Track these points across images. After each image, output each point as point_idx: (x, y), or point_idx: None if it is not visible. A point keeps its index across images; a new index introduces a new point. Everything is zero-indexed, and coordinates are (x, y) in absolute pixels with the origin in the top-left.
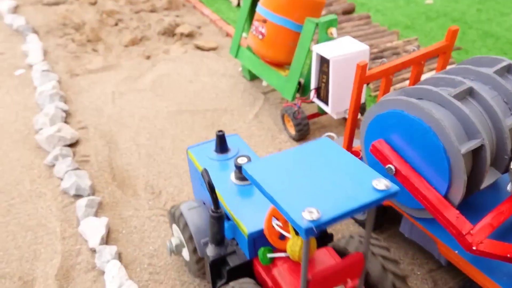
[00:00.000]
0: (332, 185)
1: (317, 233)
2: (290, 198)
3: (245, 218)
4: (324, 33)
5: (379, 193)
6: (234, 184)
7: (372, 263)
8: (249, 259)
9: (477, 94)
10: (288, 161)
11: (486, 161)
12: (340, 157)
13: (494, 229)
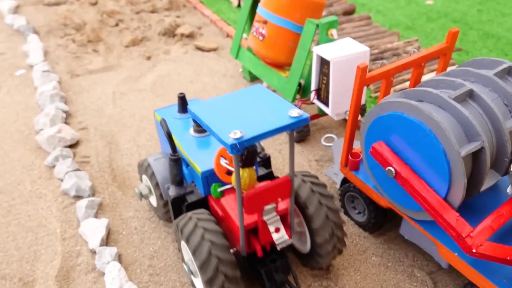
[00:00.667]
0: (256, 115)
1: (240, 149)
2: (221, 125)
3: (200, 161)
4: (325, 35)
5: (292, 119)
6: (192, 137)
7: (302, 188)
8: (204, 196)
9: (477, 96)
10: (223, 101)
11: (486, 163)
12: (266, 96)
13: (494, 231)
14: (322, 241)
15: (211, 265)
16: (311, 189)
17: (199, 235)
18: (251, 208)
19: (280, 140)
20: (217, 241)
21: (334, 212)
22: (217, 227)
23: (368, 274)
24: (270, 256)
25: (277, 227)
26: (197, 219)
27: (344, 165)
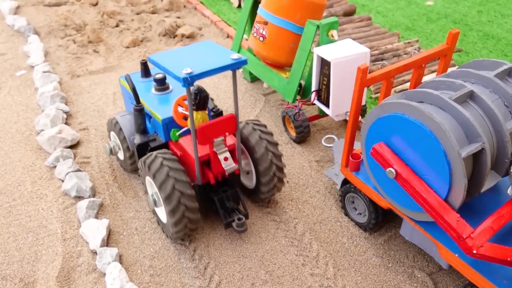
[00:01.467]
0: (204, 58)
1: (191, 82)
2: (176, 66)
3: (160, 111)
4: (325, 35)
5: (233, 61)
6: (154, 95)
7: (252, 134)
8: (164, 142)
9: (477, 97)
10: (178, 51)
11: (486, 164)
12: (214, 47)
13: (494, 232)
14: (266, 180)
15: (174, 198)
16: (260, 136)
17: (164, 172)
18: (203, 139)
19: (280, 141)
20: (179, 178)
21: (273, 145)
22: (179, 166)
23: (368, 275)
24: (222, 187)
25: (226, 156)
26: (162, 158)
27: (345, 166)
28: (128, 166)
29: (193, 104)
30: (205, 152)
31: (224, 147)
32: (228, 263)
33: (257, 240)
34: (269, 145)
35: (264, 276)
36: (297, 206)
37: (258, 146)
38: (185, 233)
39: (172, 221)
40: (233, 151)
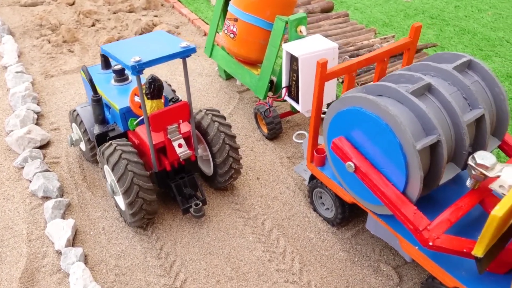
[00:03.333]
0: (153, 47)
1: (139, 69)
2: (125, 54)
3: (118, 101)
4: (294, 31)
5: (181, 49)
6: (113, 86)
7: (204, 118)
8: (123, 131)
9: (435, 90)
10: (129, 41)
11: (442, 156)
12: (164, 37)
13: (452, 224)
14: (220, 162)
15: (133, 192)
16: (212, 119)
17: (123, 166)
18: (156, 127)
19: (253, 138)
20: (138, 172)
21: (231, 137)
22: (138, 158)
23: (334, 270)
24: (179, 174)
25: (180, 143)
26: (122, 151)
27: (310, 161)
28: (90, 158)
29: (148, 93)
30: (161, 140)
31: (178, 134)
32: (194, 260)
33: (225, 237)
34: (226, 137)
35: (230, 273)
36: (266, 203)
37: (215, 139)
38: (142, 222)
39: (130, 212)
40: (189, 138)
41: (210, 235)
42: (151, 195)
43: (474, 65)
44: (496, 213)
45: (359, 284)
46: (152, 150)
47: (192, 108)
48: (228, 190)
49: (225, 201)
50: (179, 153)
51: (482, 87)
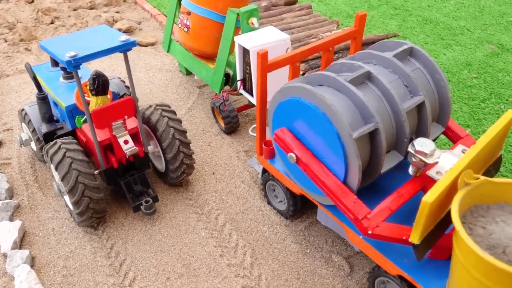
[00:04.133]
0: (92, 42)
1: (75, 64)
2: (62, 50)
3: (64, 99)
4: (246, 23)
5: (120, 42)
6: (61, 83)
7: (154, 114)
8: (71, 129)
9: (374, 78)
10: (69, 37)
11: (381, 144)
12: (106, 31)
13: (392, 212)
14: (171, 157)
15: (78, 191)
16: (161, 114)
17: (67, 164)
18: (100, 123)
19: (211, 132)
20: (83, 170)
21: (181, 132)
22: (83, 157)
23: (286, 262)
24: (130, 171)
25: (126, 139)
26: (66, 150)
27: (260, 154)
28: (41, 157)
29: (92, 89)
30: (107, 137)
31: (124, 130)
32: (145, 258)
33: (177, 233)
34: (176, 132)
35: (181, 269)
36: (220, 197)
37: (165, 134)
38: (91, 221)
39: (77, 212)
40: (137, 134)
41: (162, 232)
42: (98, 194)
43: (416, 53)
44: (426, 199)
45: (310, 275)
46: (98, 147)
47: (137, 104)
48: (183, 186)
49: (179, 197)
50: (125, 150)
51: (424, 74)
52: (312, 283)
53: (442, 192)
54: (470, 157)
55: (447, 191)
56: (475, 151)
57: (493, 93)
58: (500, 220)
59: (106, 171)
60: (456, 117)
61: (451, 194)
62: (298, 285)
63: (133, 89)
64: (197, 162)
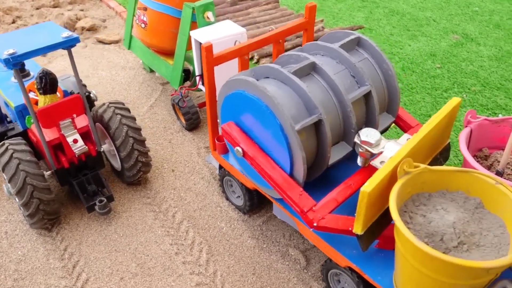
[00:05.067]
0: (34, 39)
1: (13, 62)
2: (1, 48)
3: (14, 99)
4: (201, 17)
5: (63, 39)
6: (12, 83)
7: (107, 111)
8: (23, 130)
9: (320, 69)
10: (12, 34)
11: (326, 136)
12: (50, 28)
13: (339, 203)
14: (125, 155)
15: (26, 192)
16: (114, 112)
17: (14, 166)
18: (47, 122)
19: (172, 129)
20: (32, 171)
21: (135, 130)
22: (32, 157)
23: (242, 258)
24: (83, 171)
25: (75, 138)
26: (13, 150)
27: (213, 150)
28: None
29: (40, 87)
30: (56, 136)
31: (73, 129)
32: (99, 259)
33: (133, 232)
34: (130, 130)
35: (135, 269)
36: (179, 195)
37: (118, 132)
38: (43, 223)
39: (26, 214)
40: (88, 133)
41: (118, 231)
42: (48, 195)
43: (363, 43)
44: (364, 189)
45: (266, 270)
46: (46, 147)
47: (85, 101)
48: (141, 185)
49: (136, 195)
50: (74, 149)
51: (372, 64)
52: (267, 278)
53: (381, 182)
54: (410, 146)
55: (388, 180)
56: (416, 139)
57: (456, 82)
58: (441, 208)
59: (58, 171)
60: (419, 107)
61: (393, 183)
62: (254, 280)
63: (81, 86)
64: (157, 159)
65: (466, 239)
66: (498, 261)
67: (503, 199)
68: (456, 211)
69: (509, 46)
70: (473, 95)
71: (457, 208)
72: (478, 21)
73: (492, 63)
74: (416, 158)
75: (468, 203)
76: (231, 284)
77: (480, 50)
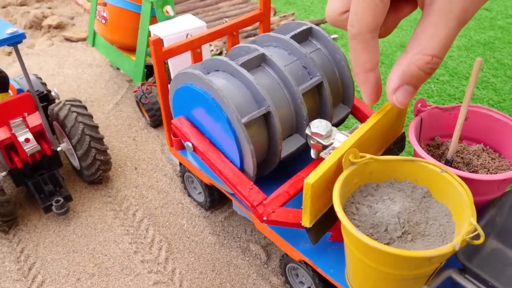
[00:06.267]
0: None
1: None
2: None
3: None
4: (161, 12)
5: (7, 35)
6: None
7: (62, 109)
8: None
9: (269, 61)
10: None
11: (276, 128)
12: None
13: (291, 196)
14: (82, 154)
15: None
16: (70, 110)
17: None
18: None
19: (137, 127)
20: None
21: (92, 128)
22: None
23: (202, 255)
24: (39, 171)
25: (27, 138)
26: None
27: (171, 146)
28: None
29: None
30: (7, 136)
31: (25, 128)
32: (56, 260)
33: (92, 232)
34: (86, 128)
35: (92, 269)
36: (141, 193)
37: (74, 130)
38: None
39: None
40: (43, 131)
41: (77, 232)
42: (2, 196)
43: (316, 33)
44: (308, 181)
45: (226, 266)
46: None
47: (37, 99)
48: (102, 183)
49: (97, 194)
50: (26, 149)
51: (325, 55)
52: (227, 274)
53: (327, 173)
54: (357, 136)
55: (334, 171)
56: (364, 129)
57: None
58: (388, 198)
59: (12, 172)
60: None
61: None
62: (213, 277)
63: (31, 84)
64: (120, 157)
65: (411, 229)
66: (436, 250)
67: (448, 187)
68: (403, 201)
69: (478, 35)
70: (441, 85)
71: (404, 198)
72: None
73: (461, 52)
74: (366, 148)
75: (416, 192)
76: (190, 281)
77: None
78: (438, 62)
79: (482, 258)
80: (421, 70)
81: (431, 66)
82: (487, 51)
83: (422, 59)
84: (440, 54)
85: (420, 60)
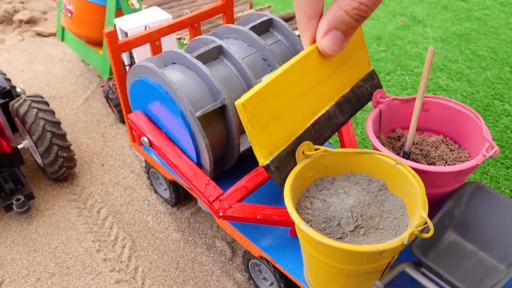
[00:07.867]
0: None
1: None
2: None
3: None
4: (126, 5)
5: None
6: None
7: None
8: None
9: (227, 53)
10: None
11: (232, 122)
12: None
13: (249, 191)
14: (43, 150)
15: None
16: (30, 105)
17: None
18: None
19: (106, 123)
20: None
21: (53, 124)
22: None
23: (166, 252)
24: None
25: None
26: None
27: (133, 141)
28: None
29: None
30: None
31: None
32: (16, 260)
33: (54, 231)
34: (47, 124)
35: (53, 269)
36: (106, 190)
37: (34, 126)
38: None
39: None
40: (2, 128)
41: (39, 230)
42: None
43: (276, 25)
44: (239, 101)
45: (190, 263)
46: None
47: None
48: (68, 181)
49: (62, 192)
50: None
51: (286, 46)
52: (191, 271)
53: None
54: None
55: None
56: None
57: (399, 65)
58: (343, 191)
59: None
60: None
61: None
62: (176, 275)
63: None
64: (87, 154)
65: (364, 223)
66: (384, 244)
67: (403, 180)
68: (358, 194)
69: (455, 27)
70: (416, 77)
71: (360, 191)
72: (427, 3)
73: (437, 44)
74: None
75: (371, 185)
76: (152, 279)
77: (426, 32)
78: (366, 10)
79: (439, 251)
80: (348, 16)
81: (358, 12)
82: (462, 42)
83: (350, 4)
84: (368, 3)
85: (348, 6)
